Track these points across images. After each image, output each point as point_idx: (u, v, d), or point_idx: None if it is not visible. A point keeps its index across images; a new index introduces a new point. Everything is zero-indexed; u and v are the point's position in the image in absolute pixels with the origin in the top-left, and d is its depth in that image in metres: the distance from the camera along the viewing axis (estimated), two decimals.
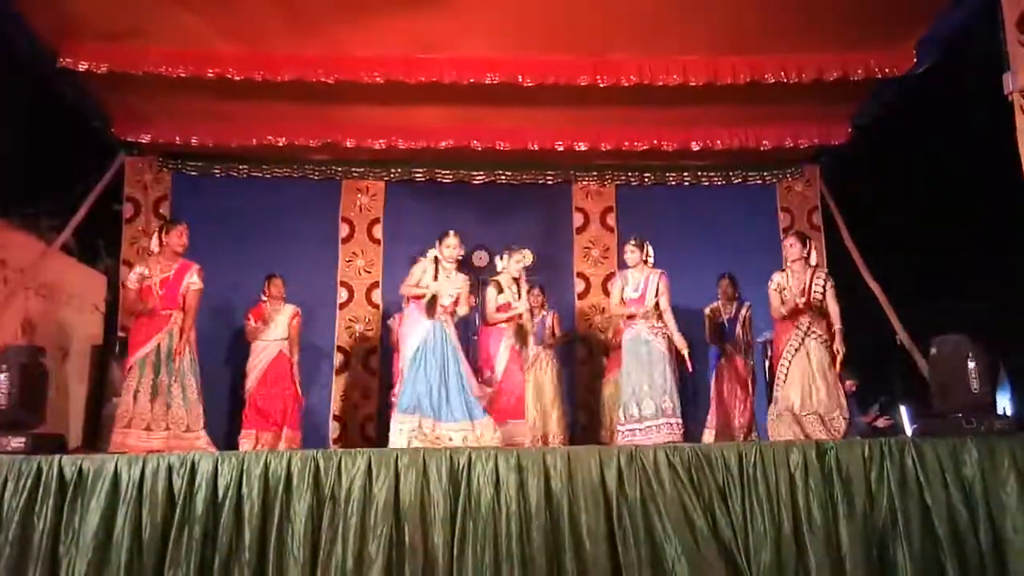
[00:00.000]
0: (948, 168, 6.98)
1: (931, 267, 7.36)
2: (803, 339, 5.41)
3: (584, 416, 7.50)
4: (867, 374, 7.46)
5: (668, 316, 5.53)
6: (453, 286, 5.29)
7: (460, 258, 5.47)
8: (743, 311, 6.78)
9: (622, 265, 6.00)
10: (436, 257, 5.35)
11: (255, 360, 6.72)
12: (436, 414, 5.02)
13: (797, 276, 5.54)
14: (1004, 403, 7.71)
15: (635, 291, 5.60)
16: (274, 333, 6.77)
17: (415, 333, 5.21)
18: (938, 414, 4.56)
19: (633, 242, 5.71)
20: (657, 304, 5.51)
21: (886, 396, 7.98)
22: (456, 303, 5.32)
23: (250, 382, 6.67)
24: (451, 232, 5.38)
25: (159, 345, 5.30)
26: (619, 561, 3.78)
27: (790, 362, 5.39)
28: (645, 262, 5.66)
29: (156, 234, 5.61)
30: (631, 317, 5.58)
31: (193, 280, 5.47)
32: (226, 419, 6.89)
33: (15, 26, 5.60)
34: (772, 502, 3.91)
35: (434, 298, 5.21)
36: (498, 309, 5.90)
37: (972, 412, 4.32)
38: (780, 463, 3.97)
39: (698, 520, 3.84)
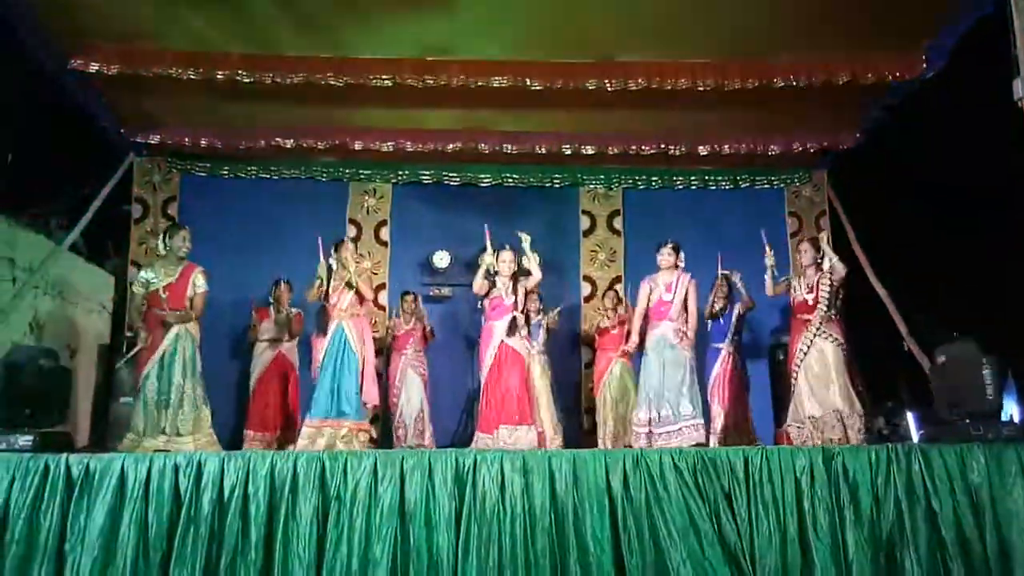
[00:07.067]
0: (957, 173, 6.95)
1: (939, 272, 7.32)
2: (813, 339, 5.48)
3: (588, 420, 7.49)
4: (874, 379, 7.43)
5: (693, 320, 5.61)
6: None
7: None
8: (736, 309, 6.76)
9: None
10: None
11: (255, 361, 6.85)
12: None
13: (807, 280, 5.68)
14: (1011, 409, 7.66)
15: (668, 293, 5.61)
16: (277, 335, 6.89)
17: None
18: (948, 420, 4.54)
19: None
20: (685, 307, 5.56)
21: (893, 402, 7.93)
22: None
23: (252, 382, 6.79)
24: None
25: (164, 351, 5.27)
26: (624, 565, 3.78)
27: (802, 363, 5.51)
28: (676, 266, 5.70)
29: (162, 237, 5.57)
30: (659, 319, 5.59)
31: (199, 283, 5.44)
32: (232, 418, 6.90)
33: (27, 28, 5.63)
34: (778, 507, 3.89)
35: None
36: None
37: (985, 419, 4.30)
38: (786, 468, 3.96)
39: (703, 524, 3.83)
